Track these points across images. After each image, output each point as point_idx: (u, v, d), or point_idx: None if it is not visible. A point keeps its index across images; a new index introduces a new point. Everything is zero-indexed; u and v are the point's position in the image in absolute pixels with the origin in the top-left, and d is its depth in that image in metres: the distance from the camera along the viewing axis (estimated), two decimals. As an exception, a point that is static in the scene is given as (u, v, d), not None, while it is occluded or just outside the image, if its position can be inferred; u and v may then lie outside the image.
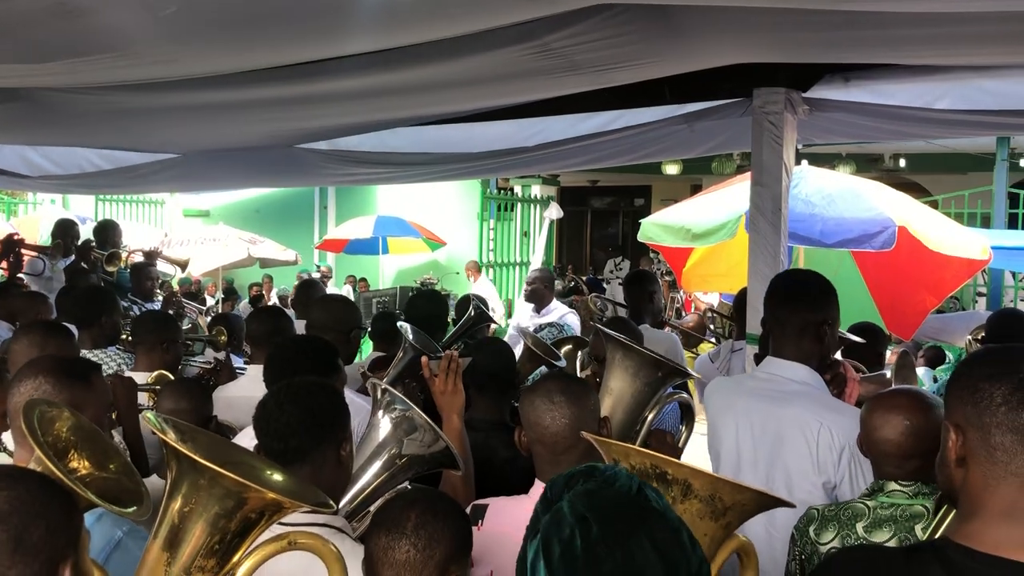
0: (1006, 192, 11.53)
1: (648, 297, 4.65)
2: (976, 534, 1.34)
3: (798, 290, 2.64)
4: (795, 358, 2.55)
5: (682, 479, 1.34)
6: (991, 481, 1.34)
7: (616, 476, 1.18)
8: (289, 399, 2.02)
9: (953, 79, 3.71)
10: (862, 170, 14.12)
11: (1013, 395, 1.32)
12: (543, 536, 1.14)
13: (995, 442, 1.33)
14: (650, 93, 3.94)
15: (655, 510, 1.15)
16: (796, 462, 2.48)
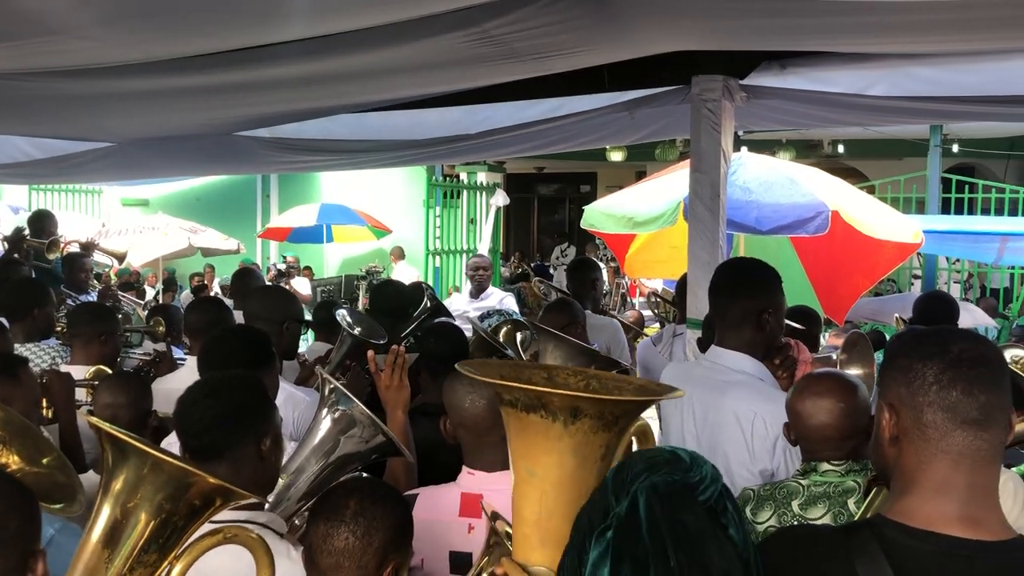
0: (939, 177, 11.84)
1: (590, 284, 4.68)
2: (910, 511, 1.37)
3: (738, 280, 2.67)
4: (737, 347, 2.58)
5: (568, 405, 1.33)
6: (923, 459, 1.37)
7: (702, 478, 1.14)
8: (204, 395, 2.00)
9: (887, 67, 3.79)
10: (802, 156, 14.38)
11: (944, 374, 1.34)
12: (616, 543, 1.09)
13: (927, 420, 1.35)
14: (591, 81, 3.97)
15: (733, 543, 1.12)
16: (734, 450, 2.53)
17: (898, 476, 1.41)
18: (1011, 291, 12.54)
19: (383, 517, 1.73)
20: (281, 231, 13.49)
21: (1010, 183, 13.44)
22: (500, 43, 3.06)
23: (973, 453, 1.34)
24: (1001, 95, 3.87)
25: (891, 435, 1.41)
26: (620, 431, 1.37)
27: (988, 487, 1.36)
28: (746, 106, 4.03)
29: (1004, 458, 1.44)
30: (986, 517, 1.34)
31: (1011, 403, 1.38)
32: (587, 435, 1.33)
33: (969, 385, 1.33)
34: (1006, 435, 1.37)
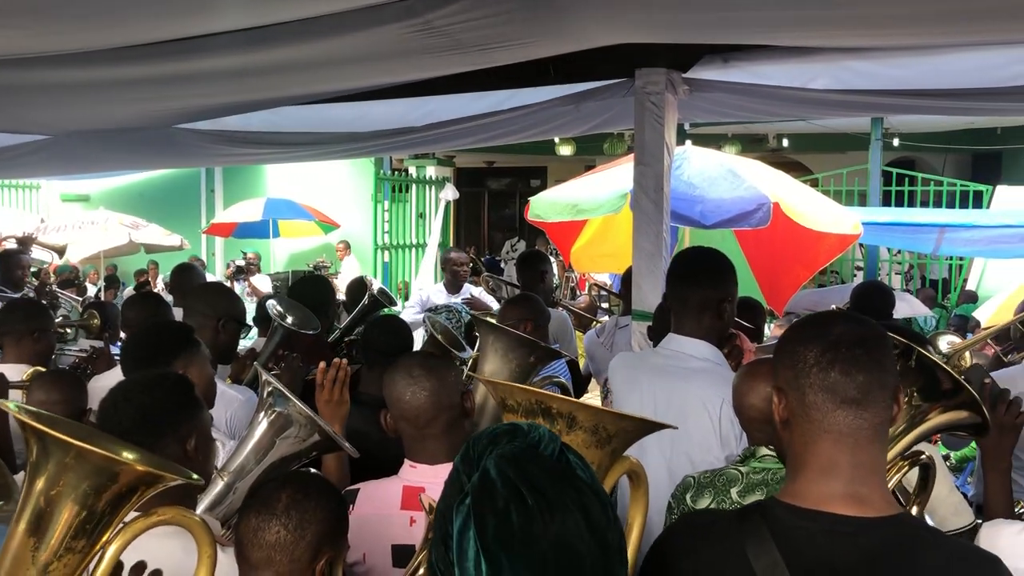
0: (880, 170, 12.09)
1: (539, 277, 4.69)
2: (800, 492, 1.40)
3: (699, 268, 2.70)
4: (696, 334, 2.62)
5: (567, 412, 1.38)
6: (809, 439, 1.40)
7: (540, 437, 1.16)
8: (124, 397, 1.96)
9: (827, 60, 3.84)
10: (747, 150, 14.58)
11: (823, 356, 1.38)
12: (475, 506, 1.10)
13: (809, 401, 1.39)
14: (536, 73, 3.97)
15: (583, 481, 1.14)
16: (700, 437, 2.55)
17: (790, 458, 1.45)
18: (949, 281, 12.87)
19: (316, 510, 1.71)
20: (226, 226, 13.29)
21: (948, 176, 13.78)
22: (443, 34, 3.04)
23: (854, 432, 1.37)
24: (938, 89, 3.95)
25: (782, 418, 1.45)
26: (612, 452, 1.39)
27: (872, 465, 1.39)
28: (690, 99, 4.06)
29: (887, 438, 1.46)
30: (871, 495, 1.37)
31: (894, 383, 1.41)
32: (579, 449, 1.34)
33: (847, 365, 1.37)
34: (888, 414, 1.40)
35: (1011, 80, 3.68)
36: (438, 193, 12.86)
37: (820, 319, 1.48)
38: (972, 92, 3.87)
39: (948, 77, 3.85)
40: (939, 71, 3.81)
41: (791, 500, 1.40)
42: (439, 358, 2.29)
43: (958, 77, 3.81)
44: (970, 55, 3.64)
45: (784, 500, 1.41)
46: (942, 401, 1.72)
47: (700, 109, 4.50)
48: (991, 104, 4.10)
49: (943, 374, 1.70)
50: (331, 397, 2.48)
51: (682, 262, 2.79)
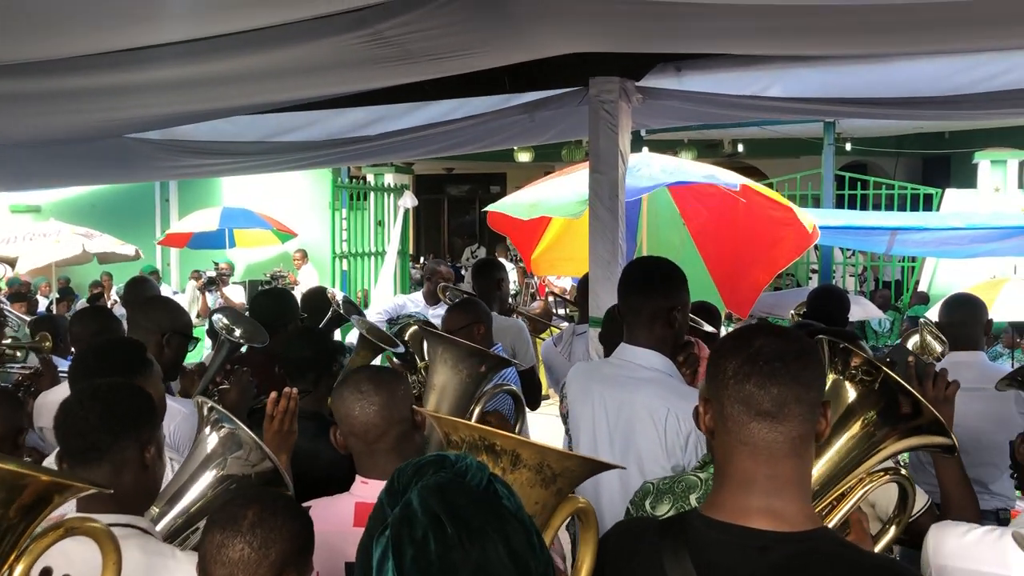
0: (833, 175, 12.28)
1: (496, 285, 4.68)
2: (720, 504, 1.41)
3: (649, 278, 2.69)
4: (647, 344, 2.61)
5: (511, 449, 1.36)
6: (728, 451, 1.41)
7: (467, 468, 1.16)
8: (90, 396, 1.95)
9: (779, 68, 3.89)
10: (703, 156, 14.71)
11: (741, 368, 1.38)
12: (394, 535, 1.10)
13: (727, 413, 1.39)
14: (491, 82, 3.97)
15: (508, 510, 1.13)
16: (647, 446, 2.55)
17: (716, 469, 1.46)
18: (902, 283, 13.10)
19: (281, 529, 1.69)
20: (181, 236, 13.10)
21: (899, 180, 14.04)
22: (394, 44, 3.02)
23: (769, 445, 1.37)
24: (888, 97, 4.01)
25: (707, 429, 1.45)
26: (557, 492, 1.37)
27: (789, 479, 1.38)
28: (645, 106, 4.10)
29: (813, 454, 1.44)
30: (787, 509, 1.37)
31: (816, 398, 1.40)
32: (523, 487, 1.33)
33: (762, 378, 1.37)
34: (807, 428, 1.38)
35: (957, 88, 3.75)
36: (396, 200, 12.80)
37: (745, 332, 1.47)
38: (921, 100, 3.94)
39: (897, 85, 3.92)
40: (889, 79, 3.88)
41: (710, 512, 1.41)
42: (389, 371, 2.26)
43: (907, 85, 3.87)
44: (918, 64, 3.71)
45: (704, 512, 1.42)
46: (902, 423, 1.70)
47: (655, 116, 4.54)
48: (939, 111, 4.18)
49: (905, 397, 1.68)
50: (280, 428, 2.45)
51: (633, 272, 2.79)
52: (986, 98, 3.75)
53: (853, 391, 1.66)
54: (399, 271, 12.46)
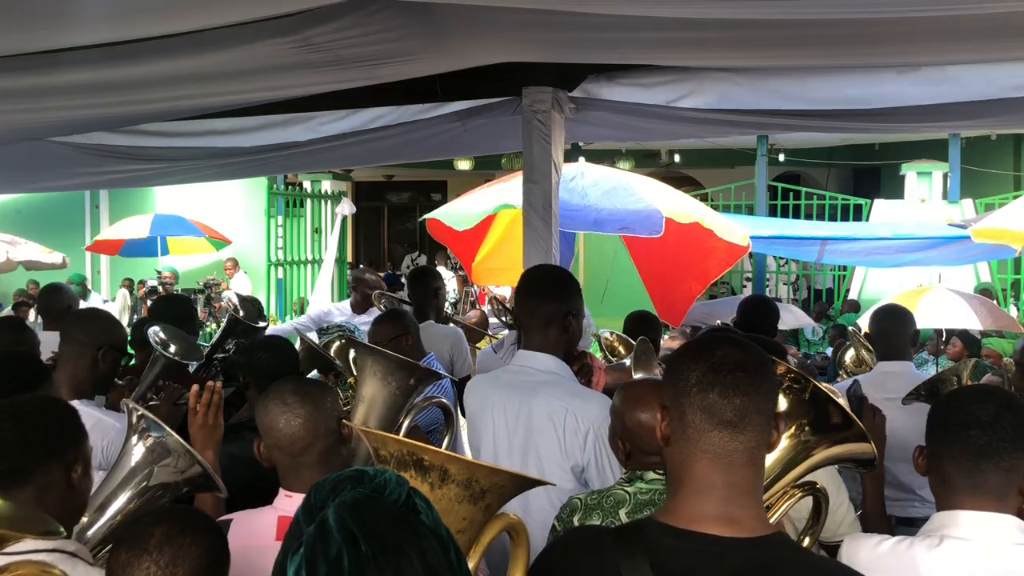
0: (766, 185, 12.52)
1: (432, 293, 4.64)
2: (675, 511, 1.42)
3: (545, 283, 2.75)
4: (543, 348, 2.66)
5: (439, 464, 1.34)
6: (687, 458, 1.41)
7: (386, 483, 1.13)
8: (10, 416, 1.87)
9: (711, 80, 3.93)
10: (640, 165, 14.91)
11: (705, 377, 1.40)
12: (307, 553, 1.07)
13: (688, 421, 1.40)
14: (424, 90, 3.95)
15: (425, 526, 1.12)
16: (547, 449, 2.58)
17: (669, 477, 1.47)
18: (834, 291, 13.41)
19: (191, 547, 1.63)
20: (112, 244, 12.78)
21: (831, 190, 14.38)
22: (324, 50, 2.98)
23: (729, 454, 1.39)
24: (817, 109, 4.08)
25: (663, 436, 1.46)
26: (486, 508, 1.36)
27: (746, 487, 1.40)
28: (577, 117, 4.11)
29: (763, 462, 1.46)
30: (743, 515, 1.39)
31: (772, 409, 1.44)
32: (451, 503, 1.32)
33: (726, 388, 1.39)
34: (764, 439, 1.42)
35: (884, 101, 3.83)
36: (334, 208, 12.68)
37: (707, 341, 1.50)
38: (849, 112, 4.02)
39: (825, 98, 3.99)
40: (818, 92, 3.95)
41: (666, 519, 1.42)
42: (315, 383, 2.22)
43: (836, 97, 3.94)
44: (846, 77, 3.78)
45: (660, 519, 1.43)
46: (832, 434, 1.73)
47: (588, 127, 4.56)
48: (866, 124, 4.26)
49: (835, 408, 1.72)
50: (204, 422, 2.40)
51: (529, 278, 2.84)
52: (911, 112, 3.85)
53: (785, 400, 1.68)
54: (336, 279, 12.33)
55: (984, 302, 7.75)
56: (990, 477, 1.68)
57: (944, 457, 1.73)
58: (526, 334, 2.73)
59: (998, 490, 1.69)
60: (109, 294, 13.23)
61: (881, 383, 4.00)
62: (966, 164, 12.83)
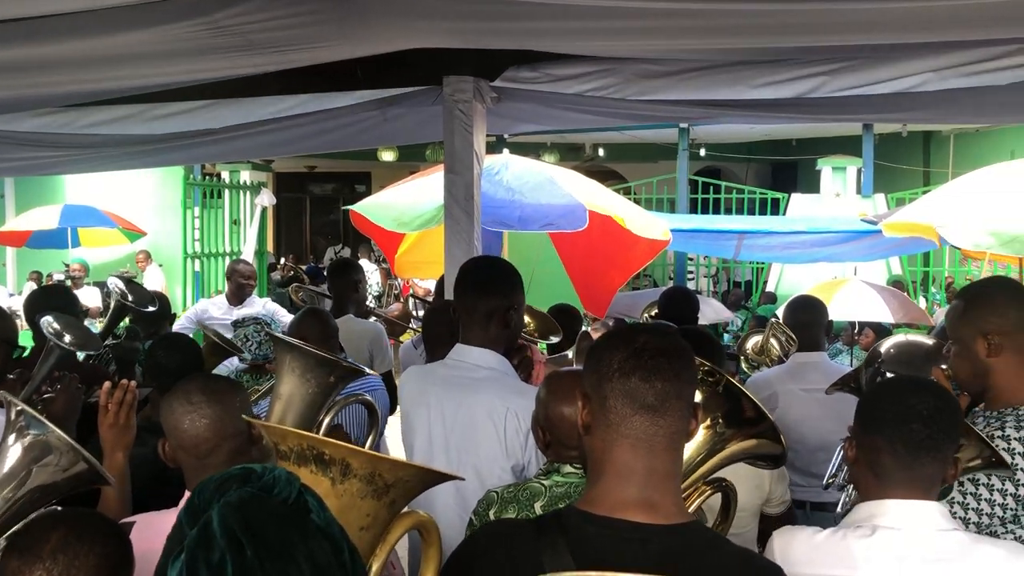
0: (687, 179, 12.71)
1: (352, 287, 4.55)
2: (596, 498, 1.42)
3: (486, 277, 2.68)
4: (483, 344, 2.59)
5: (340, 459, 1.29)
6: (608, 445, 1.42)
7: (274, 481, 1.08)
8: None
9: (635, 70, 3.92)
10: (565, 159, 14.97)
11: (626, 362, 1.41)
12: (188, 559, 1.02)
13: (610, 406, 1.41)
14: (344, 77, 3.85)
15: (316, 525, 1.07)
16: (486, 448, 2.52)
17: (590, 465, 1.47)
18: (752, 284, 13.69)
19: (88, 555, 1.54)
20: (18, 235, 12.23)
21: (750, 184, 14.68)
22: (234, 34, 2.87)
23: (650, 438, 1.40)
24: (739, 99, 4.11)
25: (584, 423, 1.47)
26: (391, 504, 1.32)
27: (666, 472, 1.42)
28: (499, 108, 4.06)
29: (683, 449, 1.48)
30: (662, 501, 1.40)
31: (692, 396, 1.46)
32: (353, 499, 1.27)
33: (647, 373, 1.40)
34: (684, 425, 1.44)
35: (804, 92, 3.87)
36: (253, 199, 12.40)
37: (628, 329, 1.53)
38: (768, 103, 4.05)
39: (747, 89, 4.01)
40: (739, 83, 3.98)
41: (587, 507, 1.42)
42: (224, 381, 2.14)
43: (757, 89, 3.97)
44: (767, 68, 3.81)
45: (581, 507, 1.43)
46: (745, 428, 1.75)
47: (513, 118, 4.52)
48: (785, 115, 4.31)
49: (747, 402, 1.73)
50: (116, 421, 2.29)
51: (469, 271, 2.76)
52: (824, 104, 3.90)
53: (701, 393, 1.69)
54: (256, 272, 12.06)
55: (896, 295, 8.01)
56: (926, 469, 1.71)
57: (882, 449, 1.74)
58: (464, 329, 2.64)
59: (929, 480, 1.72)
60: (16, 287, 12.68)
61: (798, 374, 4.08)
62: (879, 160, 13.24)
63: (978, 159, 9.66)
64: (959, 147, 14.74)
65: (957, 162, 13.92)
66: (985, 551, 1.66)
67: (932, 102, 3.79)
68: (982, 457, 1.91)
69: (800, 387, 3.98)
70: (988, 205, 5.88)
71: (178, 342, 2.99)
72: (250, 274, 5.93)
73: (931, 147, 16.30)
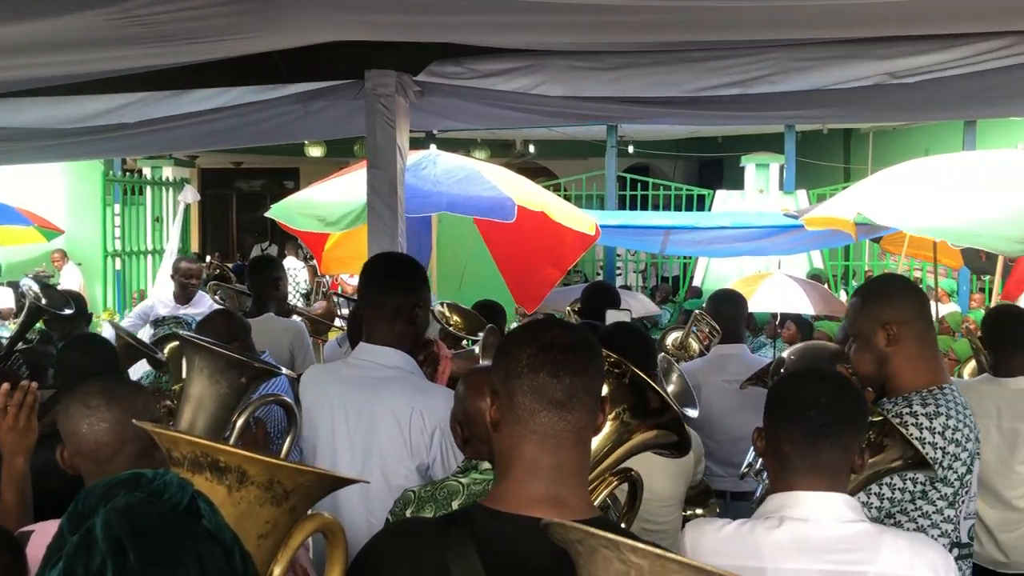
0: (616, 176, 12.82)
1: (273, 284, 4.45)
2: (504, 495, 1.41)
3: (391, 274, 2.64)
4: (388, 342, 2.54)
5: (236, 466, 1.25)
6: (516, 441, 1.41)
7: (165, 486, 1.04)
8: None
9: (561, 66, 3.92)
10: (496, 155, 14.98)
11: (535, 358, 1.40)
12: (66, 567, 0.97)
13: (518, 402, 1.40)
14: (267, 70, 3.78)
15: (207, 531, 1.03)
16: (391, 448, 2.48)
17: (498, 461, 1.46)
18: (680, 278, 13.90)
19: None
20: (-76, 234, 11.73)
21: (678, 181, 14.90)
22: (147, 24, 2.80)
23: (557, 434, 1.40)
24: (664, 97, 4.15)
25: (493, 420, 1.45)
26: (291, 510, 1.27)
27: (573, 468, 1.41)
28: (423, 103, 4.03)
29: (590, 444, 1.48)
30: (570, 497, 1.40)
31: (600, 390, 1.46)
32: (251, 506, 1.22)
33: (556, 368, 1.40)
34: (592, 419, 1.43)
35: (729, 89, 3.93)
36: (176, 195, 12.10)
37: (536, 325, 1.52)
38: (695, 100, 4.10)
39: (671, 88, 4.05)
40: (665, 82, 4.02)
41: (494, 504, 1.41)
42: (125, 383, 2.07)
43: (681, 88, 4.01)
44: (691, 67, 3.86)
45: (488, 505, 1.42)
46: (650, 419, 1.76)
47: (438, 114, 4.49)
48: (710, 112, 4.36)
49: (653, 393, 1.75)
50: (15, 424, 2.19)
51: (373, 268, 2.71)
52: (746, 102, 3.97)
53: (607, 385, 1.69)
54: (200, 270, 11.78)
55: (816, 287, 8.21)
56: (827, 457, 1.73)
57: (783, 438, 1.77)
58: (369, 327, 2.59)
59: (833, 469, 1.74)
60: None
61: (719, 366, 4.16)
62: (801, 157, 13.55)
63: (895, 156, 9.93)
64: (878, 144, 15.17)
65: (876, 159, 14.32)
66: (889, 541, 1.69)
67: (848, 100, 3.89)
68: (904, 458, 1.96)
69: (722, 379, 4.05)
70: (904, 197, 6.08)
71: (90, 343, 2.90)
72: (190, 272, 5.78)
73: (851, 144, 16.76)
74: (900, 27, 3.24)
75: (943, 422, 2.15)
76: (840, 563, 1.67)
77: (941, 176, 6.17)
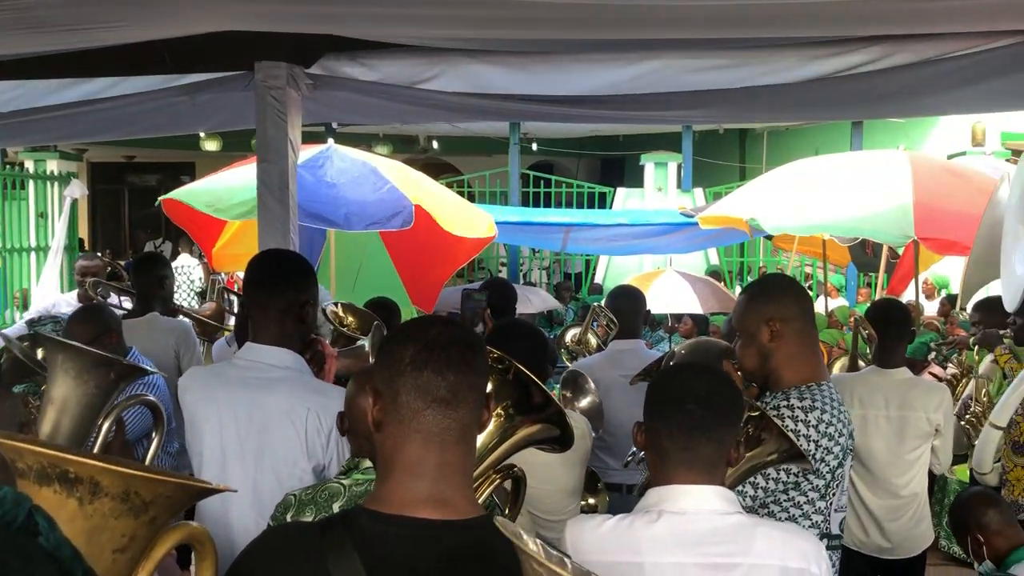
0: (519, 173, 12.87)
1: (158, 282, 4.27)
2: (386, 496, 1.38)
3: (279, 272, 2.57)
4: (277, 342, 2.48)
5: (88, 477, 1.16)
6: (399, 441, 1.38)
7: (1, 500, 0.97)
8: None
9: (459, 62, 3.89)
10: (399, 151, 14.84)
11: (418, 356, 1.38)
12: None
13: (402, 401, 1.38)
14: (150, 60, 3.63)
15: (43, 549, 0.96)
16: (285, 450, 2.42)
17: (380, 462, 1.43)
18: (583, 275, 14.06)
19: None
20: None
21: (581, 179, 15.05)
22: (16, 10, 2.65)
23: (442, 432, 1.38)
24: (564, 95, 4.16)
25: (375, 420, 1.42)
26: (151, 521, 1.19)
27: (457, 466, 1.40)
28: (317, 96, 3.94)
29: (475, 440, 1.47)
30: (455, 496, 1.38)
31: (485, 387, 1.45)
32: (106, 519, 1.14)
33: (439, 366, 1.38)
34: (476, 416, 1.42)
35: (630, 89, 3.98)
36: (62, 190, 11.56)
37: (419, 322, 1.50)
38: (595, 99, 4.13)
39: (575, 84, 4.07)
40: (566, 80, 4.03)
41: (376, 506, 1.37)
42: None
43: (584, 84, 4.04)
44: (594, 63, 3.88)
45: (370, 507, 1.38)
46: (533, 414, 1.76)
47: (332, 107, 4.40)
48: (609, 112, 4.40)
49: (536, 389, 1.75)
50: None
51: (260, 266, 2.63)
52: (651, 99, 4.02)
53: (492, 382, 1.68)
54: (66, 268, 11.25)
55: (708, 284, 8.41)
56: (703, 450, 1.75)
57: (661, 431, 1.78)
58: (257, 327, 2.51)
59: (709, 462, 1.76)
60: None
61: (616, 360, 4.21)
62: (698, 156, 13.86)
63: (788, 155, 10.27)
64: (772, 144, 15.65)
65: (770, 158, 14.76)
66: (762, 532, 1.73)
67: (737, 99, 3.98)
68: (780, 451, 2.01)
69: (619, 373, 4.10)
70: (794, 196, 6.30)
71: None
72: (86, 270, 5.50)
73: (747, 144, 17.26)
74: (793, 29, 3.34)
75: (818, 416, 2.22)
76: (715, 555, 1.70)
77: (830, 174, 6.45)
